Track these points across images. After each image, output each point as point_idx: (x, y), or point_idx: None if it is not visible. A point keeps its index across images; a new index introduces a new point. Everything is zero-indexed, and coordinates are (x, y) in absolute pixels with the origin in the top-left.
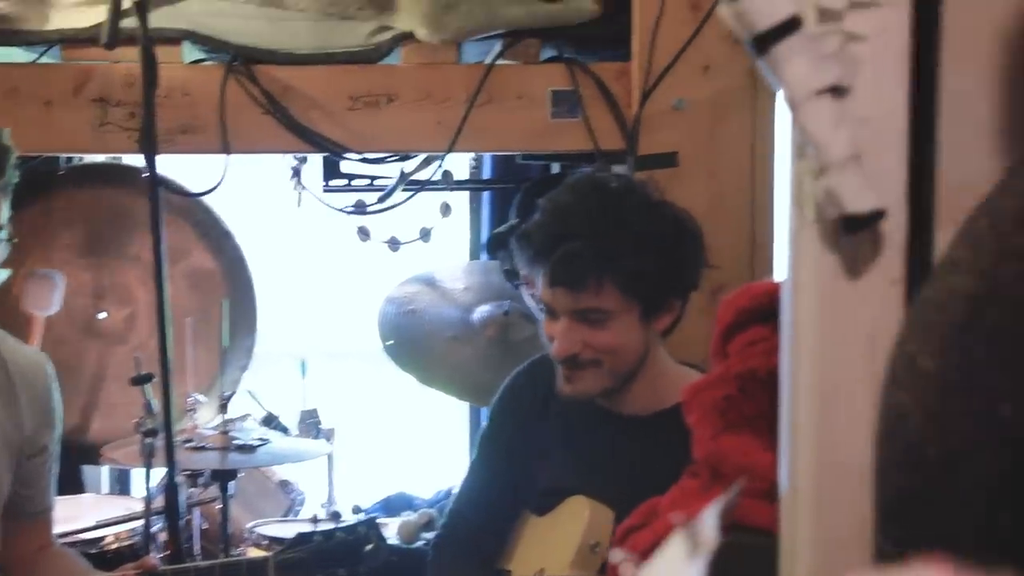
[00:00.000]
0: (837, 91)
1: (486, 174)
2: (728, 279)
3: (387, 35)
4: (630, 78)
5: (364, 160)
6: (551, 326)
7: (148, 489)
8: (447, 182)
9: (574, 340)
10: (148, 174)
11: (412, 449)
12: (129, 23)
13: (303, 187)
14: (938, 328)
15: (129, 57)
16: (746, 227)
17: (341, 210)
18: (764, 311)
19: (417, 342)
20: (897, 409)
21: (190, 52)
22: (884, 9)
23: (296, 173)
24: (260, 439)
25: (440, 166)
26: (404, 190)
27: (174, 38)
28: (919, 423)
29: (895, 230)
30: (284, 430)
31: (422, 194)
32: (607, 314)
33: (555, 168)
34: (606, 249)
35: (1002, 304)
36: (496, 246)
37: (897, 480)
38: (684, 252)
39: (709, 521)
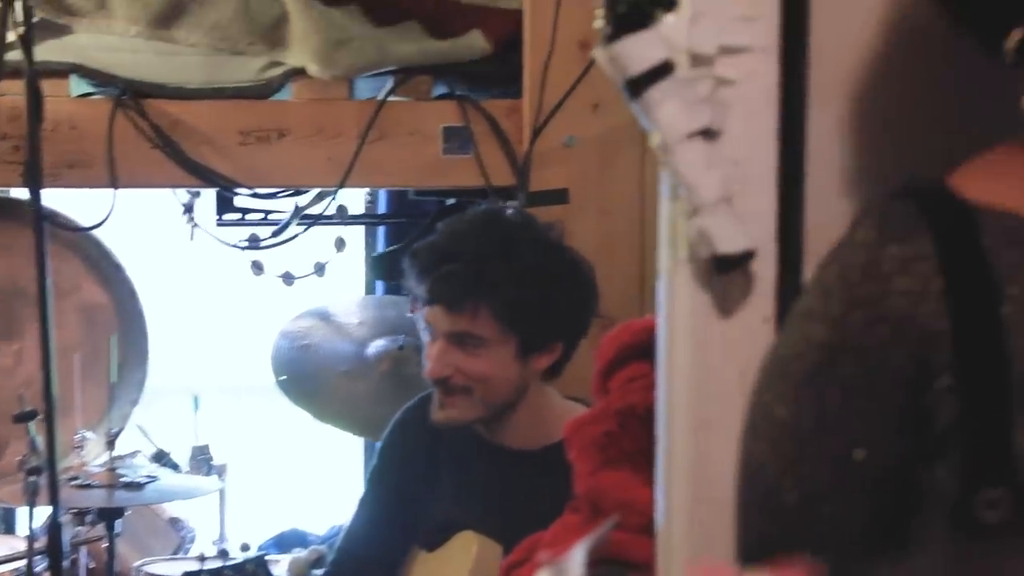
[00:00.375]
0: (708, 134)
1: (381, 209)
2: (619, 315)
3: (278, 70)
4: (521, 115)
5: (256, 195)
6: (430, 348)
7: (31, 528)
8: (342, 217)
9: (446, 363)
10: (33, 209)
11: (306, 485)
12: (14, 56)
13: (195, 223)
14: (792, 377)
15: (14, 90)
16: (636, 263)
17: (234, 246)
18: (644, 348)
19: (311, 377)
20: (756, 457)
21: (78, 85)
22: (753, 54)
23: (188, 207)
24: (149, 476)
25: (333, 200)
26: (298, 224)
27: (61, 71)
28: (777, 470)
29: (765, 269)
30: (175, 466)
31: (316, 228)
32: (482, 341)
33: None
34: (488, 275)
35: (853, 352)
36: (382, 267)
37: (758, 525)
38: (572, 295)
39: (577, 558)
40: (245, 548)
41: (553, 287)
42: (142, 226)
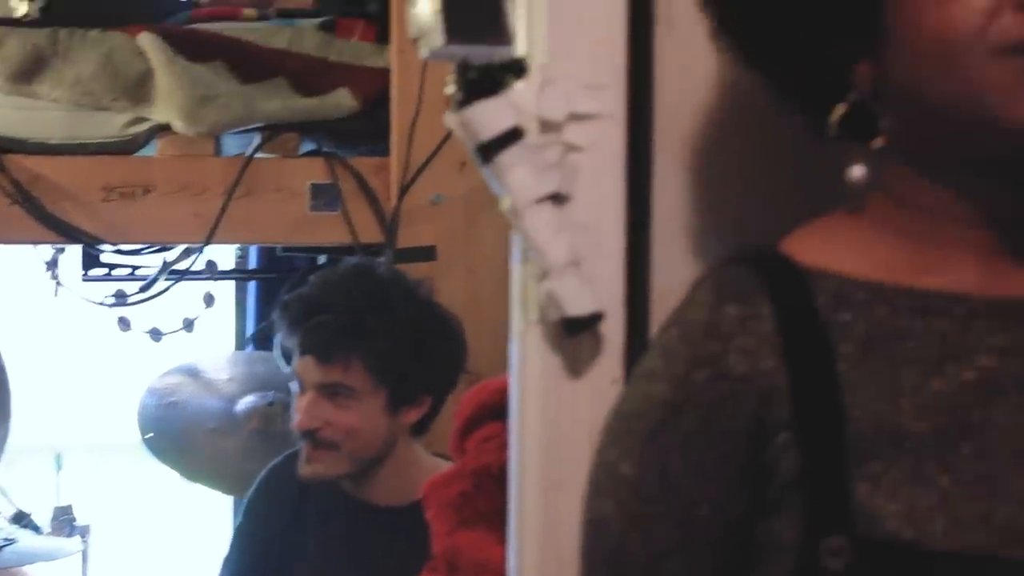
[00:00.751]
0: (557, 199)
1: (252, 264)
2: (486, 372)
3: (143, 126)
4: (389, 173)
5: (119, 252)
6: (299, 400)
7: None
8: (211, 272)
9: (316, 415)
10: None
11: (173, 546)
12: None
13: (58, 281)
14: (636, 435)
15: None
16: (502, 320)
17: (100, 303)
18: (500, 408)
19: (178, 434)
20: (601, 515)
21: None
22: (601, 121)
23: (52, 263)
24: (6, 539)
25: (199, 256)
26: (166, 280)
27: None
28: (622, 527)
29: (614, 331)
30: (35, 528)
31: (185, 284)
32: (352, 392)
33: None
34: (360, 326)
35: (695, 409)
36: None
37: None
38: (442, 349)
39: None
40: None
41: (424, 340)
42: (3, 282)
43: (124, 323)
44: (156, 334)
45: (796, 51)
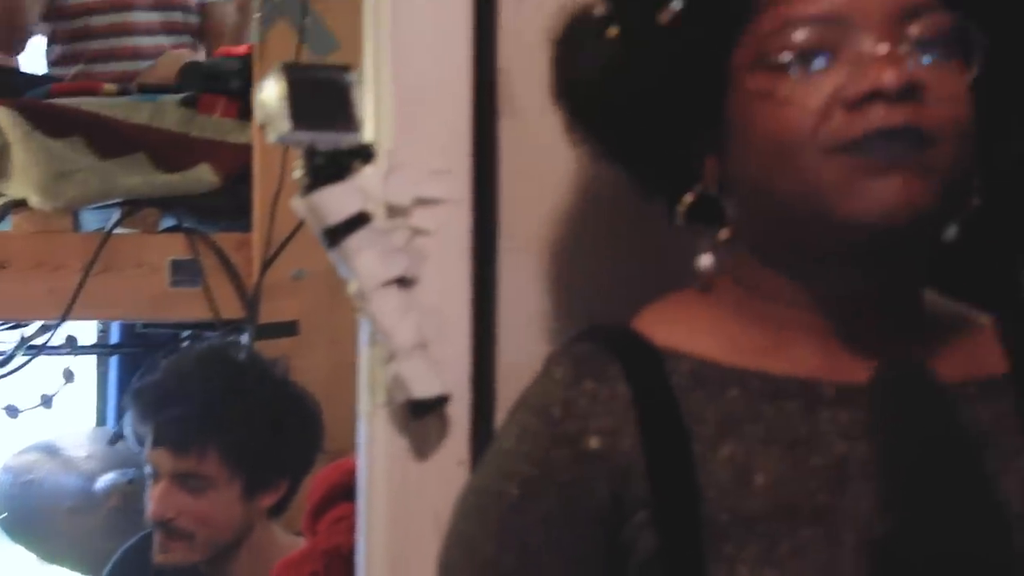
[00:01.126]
0: (404, 282)
1: (114, 339)
2: (348, 447)
3: None
4: (251, 248)
5: None
6: (153, 488)
7: None
8: (71, 347)
9: (170, 504)
10: None
11: None
12: None
13: None
14: (495, 513)
15: None
16: None
17: None
18: (351, 488)
19: (34, 514)
20: None
21: None
22: (447, 206)
23: None
24: None
25: (55, 332)
26: (24, 355)
27: None
28: None
29: (460, 414)
30: None
31: (44, 359)
32: (208, 482)
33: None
34: (215, 415)
35: (554, 488)
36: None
37: None
38: (298, 432)
39: None
40: None
41: (280, 424)
42: None
43: None
44: (12, 411)
45: (646, 145)
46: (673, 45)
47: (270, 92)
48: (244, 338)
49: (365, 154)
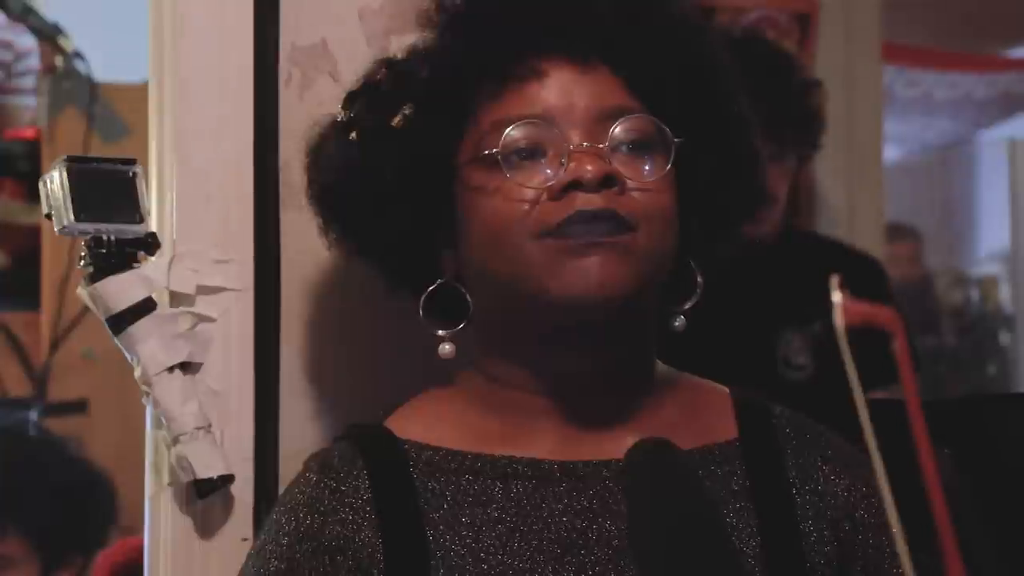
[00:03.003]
0: (187, 367)
1: None
2: (140, 525)
3: None
4: (39, 327)
5: None
6: None
7: None
8: None
9: None
10: None
11: None
12: None
13: None
14: None
15: None
16: None
17: None
18: (136, 567)
19: None
20: None
21: None
22: (230, 294)
23: None
24: None
25: None
26: None
27: None
28: None
29: (243, 492)
30: None
31: None
32: (6, 561)
33: None
34: (12, 496)
35: None
36: None
37: None
38: (93, 509)
39: None
40: None
41: (75, 504)
42: None
43: None
44: None
45: (386, 241)
46: (404, 145)
47: (54, 183)
48: (33, 416)
49: (149, 244)
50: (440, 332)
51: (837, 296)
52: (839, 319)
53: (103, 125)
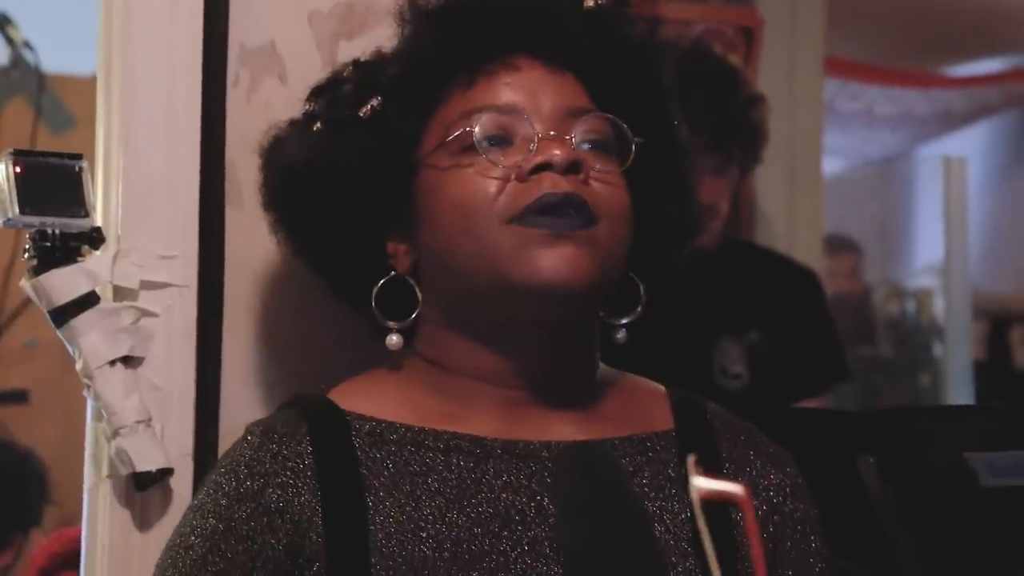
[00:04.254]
0: (129, 361)
1: None
2: (78, 515)
3: None
4: None
5: None
6: None
7: None
8: None
9: None
10: None
11: None
12: None
13: None
14: (186, 563)
15: None
16: None
17: None
18: (73, 557)
19: None
20: None
21: None
22: (173, 289)
23: None
24: None
25: None
26: None
27: None
28: None
29: (183, 485)
30: None
31: None
32: None
33: None
34: None
35: (237, 540)
36: None
37: None
38: (30, 488)
39: None
40: None
41: (14, 485)
42: None
43: None
44: None
45: (341, 234)
46: (368, 136)
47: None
48: None
49: (94, 238)
50: (391, 324)
51: (694, 477)
52: (695, 496)
53: (51, 117)
